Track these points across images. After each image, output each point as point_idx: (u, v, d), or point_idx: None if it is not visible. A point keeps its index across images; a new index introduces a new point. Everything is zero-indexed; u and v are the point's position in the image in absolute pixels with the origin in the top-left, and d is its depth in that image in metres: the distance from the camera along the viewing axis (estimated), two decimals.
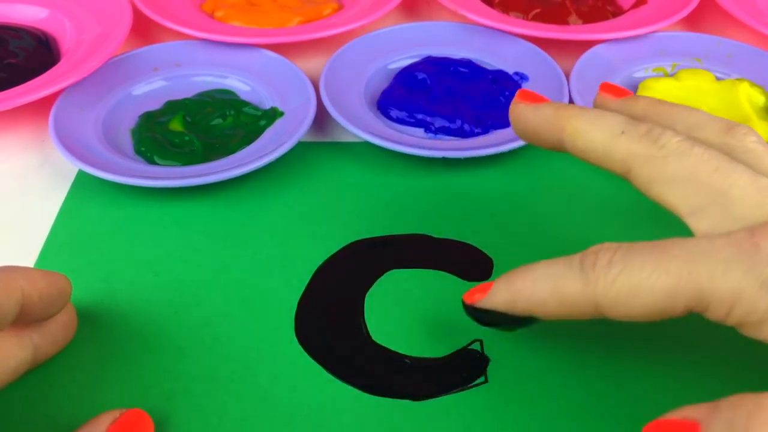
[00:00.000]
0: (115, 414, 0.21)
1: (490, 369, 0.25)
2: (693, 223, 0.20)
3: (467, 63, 0.38)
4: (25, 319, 0.21)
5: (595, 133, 0.22)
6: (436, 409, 0.24)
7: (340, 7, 0.44)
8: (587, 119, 0.22)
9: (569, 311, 0.20)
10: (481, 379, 0.25)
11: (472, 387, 0.24)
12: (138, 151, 0.33)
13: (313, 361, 0.25)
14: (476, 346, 0.26)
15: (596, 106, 0.25)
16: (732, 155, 0.21)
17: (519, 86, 0.37)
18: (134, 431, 0.22)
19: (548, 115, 0.23)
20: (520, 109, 0.24)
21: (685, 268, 0.18)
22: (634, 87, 0.38)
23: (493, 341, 0.26)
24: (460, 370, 0.25)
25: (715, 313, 0.18)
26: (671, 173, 0.21)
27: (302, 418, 0.23)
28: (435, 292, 0.28)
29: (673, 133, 0.21)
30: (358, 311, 0.27)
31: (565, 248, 0.29)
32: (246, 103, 0.36)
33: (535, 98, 0.24)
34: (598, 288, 0.19)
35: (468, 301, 0.23)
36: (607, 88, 0.25)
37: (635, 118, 0.23)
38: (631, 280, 0.19)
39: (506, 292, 0.22)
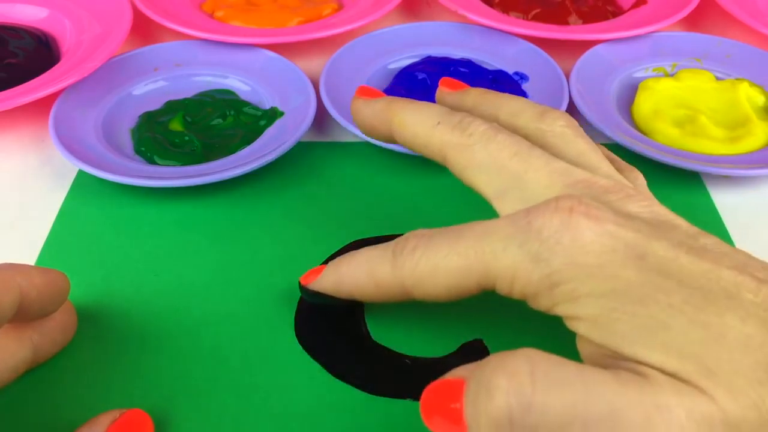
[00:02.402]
0: (114, 414, 0.21)
1: None
2: (497, 205, 0.22)
3: (467, 63, 0.38)
4: (23, 316, 0.21)
5: (415, 125, 0.24)
6: None
7: (340, 7, 0.44)
8: (410, 112, 0.24)
9: (383, 294, 0.22)
10: None
11: None
12: (138, 151, 0.33)
13: (313, 361, 0.25)
14: (476, 346, 0.26)
15: (437, 99, 0.27)
16: (543, 139, 0.23)
17: (519, 86, 0.37)
18: (134, 431, 0.22)
19: (378, 109, 0.25)
20: (356, 105, 0.26)
21: (473, 248, 0.20)
22: (634, 87, 0.38)
23: (493, 341, 0.26)
24: None
25: (502, 288, 0.20)
26: (478, 160, 0.22)
27: (302, 418, 0.23)
28: None
29: (481, 122, 0.23)
30: (358, 311, 0.27)
31: None
32: (246, 103, 0.36)
33: (371, 93, 0.26)
34: (405, 271, 0.21)
35: (302, 282, 0.25)
36: (445, 82, 0.27)
37: (467, 109, 0.25)
38: (430, 262, 0.21)
39: (333, 276, 0.24)
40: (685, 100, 0.37)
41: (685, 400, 0.17)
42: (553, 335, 0.26)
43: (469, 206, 0.31)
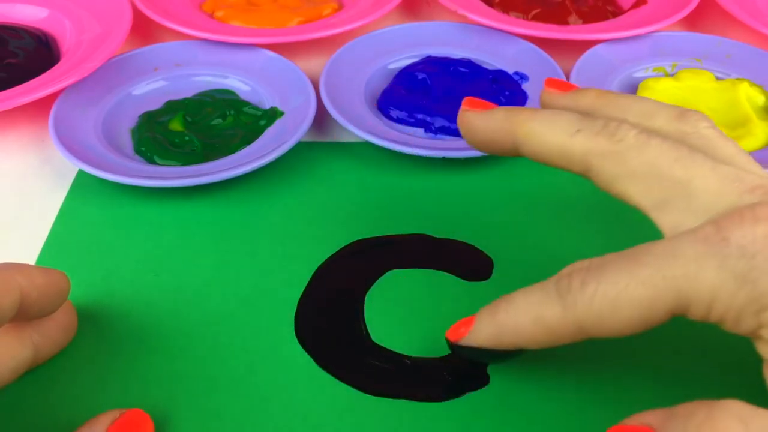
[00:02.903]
0: (115, 414, 0.21)
1: (490, 368, 0.25)
2: (657, 217, 0.20)
3: (467, 63, 0.38)
4: (23, 316, 0.21)
5: (550, 135, 0.22)
6: (436, 410, 0.24)
7: (340, 7, 0.44)
8: (540, 121, 0.22)
9: (556, 338, 0.20)
10: (482, 378, 0.25)
11: (472, 387, 0.24)
12: (138, 151, 0.33)
13: (312, 362, 0.25)
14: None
15: (543, 103, 0.25)
16: (686, 142, 0.21)
17: (519, 86, 0.37)
18: (134, 431, 0.22)
19: (499, 120, 0.23)
20: (468, 118, 0.24)
21: (659, 274, 0.18)
22: (634, 87, 0.38)
23: None
24: (461, 370, 0.25)
25: (697, 313, 0.18)
26: (632, 168, 0.20)
27: (302, 418, 0.23)
28: (435, 292, 0.28)
29: (630, 126, 0.21)
30: (358, 311, 0.27)
31: (565, 248, 0.29)
32: (246, 103, 0.36)
33: (482, 105, 0.24)
34: (578, 310, 0.19)
35: (452, 339, 0.22)
36: (552, 83, 0.25)
37: (584, 112, 0.23)
38: (609, 297, 0.18)
39: (490, 327, 0.21)
40: (685, 100, 0.37)
41: None
42: None
43: (469, 206, 0.31)
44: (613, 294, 0.18)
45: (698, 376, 0.25)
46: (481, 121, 0.23)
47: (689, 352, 0.25)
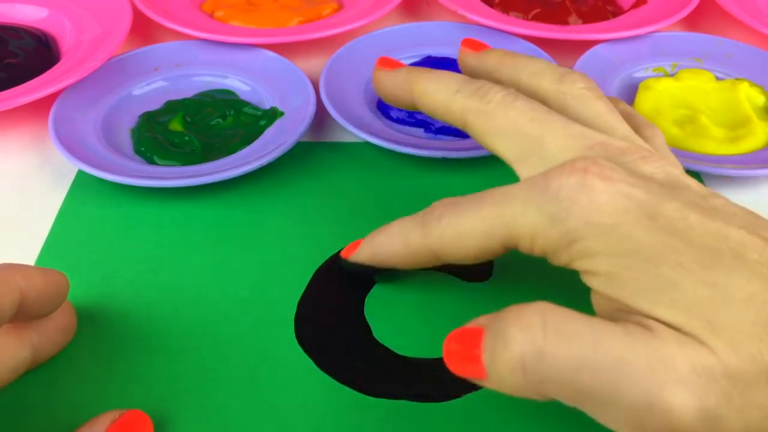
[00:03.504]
0: (114, 414, 0.21)
1: None
2: (518, 169, 0.23)
3: None
4: (22, 316, 0.21)
5: (436, 93, 0.25)
6: (436, 410, 0.24)
7: (340, 7, 0.44)
8: (430, 80, 0.25)
9: (415, 260, 0.24)
10: None
11: (472, 387, 0.24)
12: (138, 151, 0.33)
13: (312, 362, 0.25)
14: None
15: (459, 60, 0.29)
16: (563, 101, 0.24)
17: None
18: (134, 431, 0.22)
19: (400, 79, 0.27)
20: (377, 75, 0.28)
21: (495, 212, 0.21)
22: (634, 87, 0.38)
23: None
24: None
25: (523, 247, 0.21)
26: (497, 125, 0.23)
27: (302, 418, 0.23)
28: (435, 292, 0.28)
29: (500, 89, 0.24)
30: (358, 312, 0.27)
31: None
32: (246, 103, 0.36)
33: (392, 64, 0.28)
34: (433, 238, 0.22)
35: (342, 256, 0.27)
36: (467, 43, 0.29)
37: (488, 70, 0.27)
38: (456, 229, 0.22)
39: (369, 247, 0.25)
40: (686, 100, 0.37)
41: (687, 352, 0.18)
42: None
43: None
44: (459, 227, 0.22)
45: None
46: (387, 77, 0.27)
47: None
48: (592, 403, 0.18)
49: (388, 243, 0.25)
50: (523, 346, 0.18)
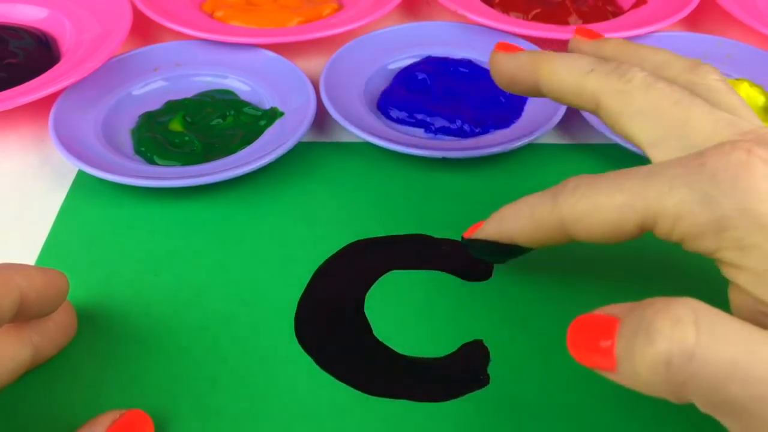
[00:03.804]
0: (114, 414, 0.21)
1: (490, 368, 0.25)
2: (653, 153, 0.21)
3: (467, 63, 0.38)
4: (22, 316, 0.21)
5: (566, 73, 0.23)
6: (436, 410, 0.24)
7: (340, 7, 0.44)
8: (560, 62, 0.24)
9: (543, 234, 0.22)
10: (482, 378, 0.25)
11: (472, 387, 0.24)
12: (138, 151, 0.33)
13: (312, 362, 0.25)
14: (476, 346, 0.26)
15: (570, 48, 0.27)
16: (694, 92, 0.22)
17: None
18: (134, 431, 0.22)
19: (524, 60, 0.25)
20: (498, 58, 0.26)
21: (637, 187, 0.19)
22: None
23: (493, 341, 0.26)
24: (461, 370, 0.25)
25: (662, 229, 0.19)
26: (636, 106, 0.22)
27: (302, 418, 0.23)
28: (435, 292, 0.28)
29: (639, 69, 0.22)
30: (358, 311, 0.27)
31: (567, 248, 0.29)
32: (246, 103, 0.36)
33: (512, 48, 0.26)
34: (564, 208, 0.21)
35: (465, 236, 0.25)
36: (581, 31, 0.27)
37: (606, 58, 0.24)
38: (590, 200, 0.20)
39: (495, 222, 0.24)
40: None
41: None
42: (555, 334, 0.26)
43: (469, 206, 0.31)
44: (594, 199, 0.20)
45: None
46: (508, 60, 0.25)
47: None
48: (734, 415, 0.16)
49: (515, 216, 0.23)
50: (671, 342, 0.16)
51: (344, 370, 0.25)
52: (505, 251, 0.24)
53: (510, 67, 0.25)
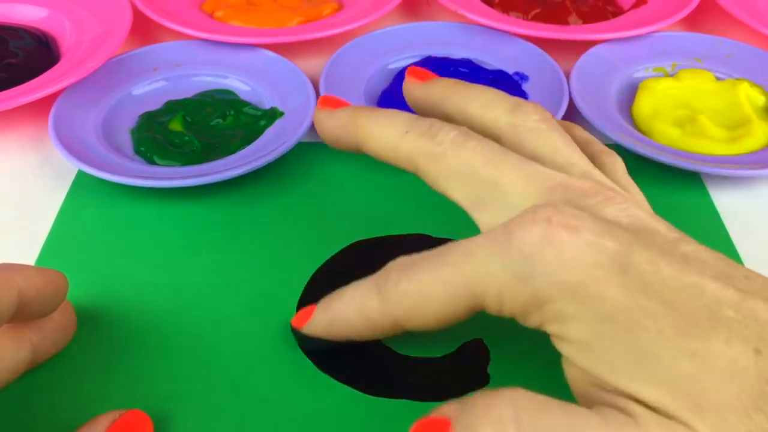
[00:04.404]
0: (114, 415, 0.21)
1: (490, 368, 0.25)
2: (476, 216, 0.21)
3: (467, 63, 0.38)
4: (22, 316, 0.21)
5: (383, 135, 0.23)
6: None
7: (340, 7, 0.44)
8: (375, 122, 0.23)
9: (376, 330, 0.22)
10: (482, 378, 0.25)
11: (472, 387, 0.24)
12: (138, 151, 0.33)
13: (312, 363, 0.25)
14: (476, 346, 0.26)
15: (404, 92, 0.26)
16: (516, 135, 0.22)
17: (519, 86, 0.37)
18: None
19: (343, 120, 0.24)
20: (318, 116, 0.25)
21: (456, 273, 0.19)
22: (634, 87, 0.38)
23: (493, 341, 0.26)
24: (461, 369, 0.25)
25: (491, 309, 0.20)
26: (450, 168, 0.21)
27: (301, 418, 0.23)
28: None
29: (451, 128, 0.22)
30: None
31: None
32: (246, 103, 0.36)
33: (334, 103, 0.25)
34: (392, 305, 0.21)
35: (295, 326, 0.24)
36: (412, 72, 0.26)
37: (435, 101, 0.25)
38: (415, 293, 0.20)
39: (324, 318, 0.23)
40: (685, 100, 0.37)
41: None
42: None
43: None
44: (419, 291, 0.20)
45: None
46: (329, 120, 0.24)
47: None
48: None
49: (344, 312, 0.22)
50: None
51: (344, 371, 0.25)
52: (339, 344, 0.23)
53: (331, 127, 0.24)
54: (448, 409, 0.18)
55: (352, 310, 0.22)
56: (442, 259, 0.20)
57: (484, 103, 0.23)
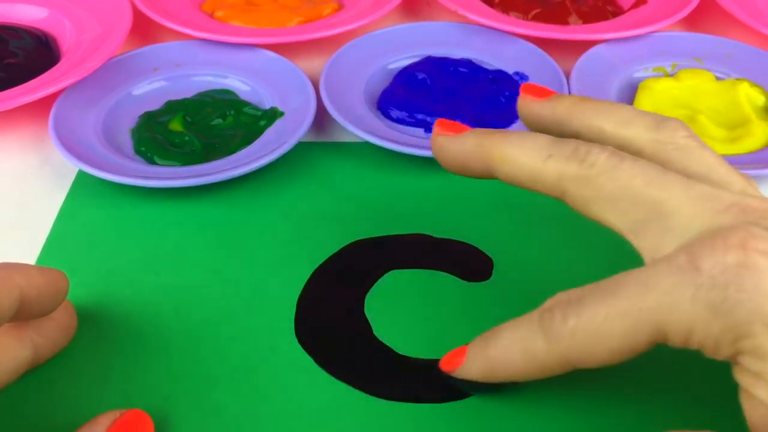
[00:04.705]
0: (114, 414, 0.21)
1: None
2: (635, 241, 0.20)
3: (467, 63, 0.38)
4: (22, 316, 0.21)
5: (523, 160, 0.21)
6: (436, 410, 0.24)
7: (340, 7, 0.44)
8: (513, 145, 0.22)
9: (545, 371, 0.20)
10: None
11: (472, 388, 0.24)
12: (138, 151, 0.33)
13: (312, 362, 0.25)
14: None
15: (520, 110, 0.25)
16: (663, 154, 0.21)
17: (519, 86, 0.37)
18: (134, 431, 0.22)
19: (471, 145, 0.22)
20: (441, 142, 0.23)
21: (636, 306, 0.18)
22: (634, 87, 0.38)
23: None
24: None
25: (676, 342, 0.18)
26: (605, 192, 0.20)
27: (302, 418, 0.23)
28: (435, 292, 0.28)
29: (600, 150, 0.20)
30: (358, 311, 0.27)
31: (566, 247, 0.29)
32: (246, 103, 0.36)
33: (455, 128, 0.23)
34: (562, 345, 0.19)
35: (445, 369, 0.23)
36: (528, 89, 0.24)
37: (560, 118, 0.23)
38: (589, 330, 0.19)
39: (481, 361, 0.22)
40: (685, 100, 0.37)
41: None
42: None
43: (469, 206, 0.31)
44: (593, 328, 0.19)
45: (694, 390, 0.25)
46: (453, 145, 0.23)
47: (688, 352, 0.25)
48: None
49: (506, 357, 0.21)
50: None
51: (344, 371, 0.25)
52: (494, 387, 0.23)
53: (458, 152, 0.23)
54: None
55: (515, 353, 0.20)
56: (615, 293, 0.19)
57: (621, 120, 0.22)
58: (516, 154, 0.21)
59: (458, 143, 0.23)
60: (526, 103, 0.24)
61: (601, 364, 0.19)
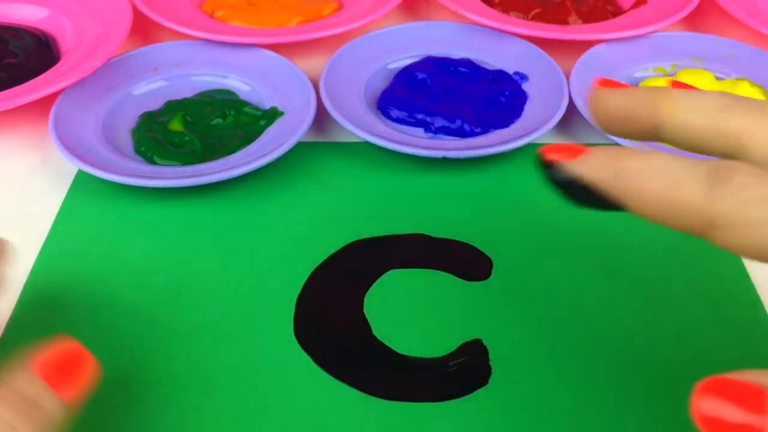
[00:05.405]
0: (42, 352, 0.19)
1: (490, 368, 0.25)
2: None
3: (467, 63, 0.38)
4: None
5: (698, 113, 0.19)
6: (435, 409, 0.24)
7: (340, 7, 0.44)
8: (688, 97, 0.20)
9: (675, 216, 0.18)
10: (482, 378, 0.25)
11: (472, 386, 0.24)
12: (138, 151, 0.34)
13: (312, 361, 0.25)
14: (476, 346, 0.26)
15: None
16: None
17: (519, 86, 0.37)
18: (69, 368, 0.19)
19: (641, 98, 0.20)
20: (602, 95, 0.21)
21: None
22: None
23: (493, 341, 0.26)
24: (461, 369, 0.25)
25: None
26: None
27: (301, 418, 0.23)
28: (434, 292, 0.28)
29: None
30: (357, 310, 0.27)
31: (566, 248, 0.29)
32: (246, 103, 0.36)
33: (615, 84, 0.22)
34: (724, 207, 0.17)
35: (549, 157, 0.19)
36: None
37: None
38: (763, 214, 0.16)
39: (609, 165, 0.19)
40: None
41: None
42: (554, 335, 0.26)
43: (469, 206, 0.31)
44: None
45: (696, 375, 0.25)
46: (617, 96, 0.21)
47: (688, 352, 0.25)
48: None
49: (646, 179, 0.18)
50: None
51: (344, 370, 0.25)
52: (596, 201, 0.19)
53: (622, 104, 0.21)
54: (759, 376, 0.15)
55: (659, 183, 0.18)
56: None
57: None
58: (691, 104, 0.20)
59: (624, 95, 0.21)
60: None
61: (738, 250, 0.17)
